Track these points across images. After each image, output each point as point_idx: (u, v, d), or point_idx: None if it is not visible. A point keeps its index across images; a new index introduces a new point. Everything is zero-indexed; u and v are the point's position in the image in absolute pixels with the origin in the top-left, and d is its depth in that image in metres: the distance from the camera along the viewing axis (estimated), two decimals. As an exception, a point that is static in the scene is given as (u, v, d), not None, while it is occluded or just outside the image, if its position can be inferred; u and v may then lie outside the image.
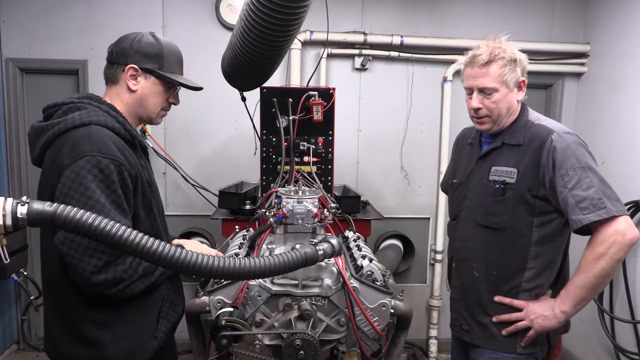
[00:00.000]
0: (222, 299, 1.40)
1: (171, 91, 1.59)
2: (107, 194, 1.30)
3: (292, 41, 2.05)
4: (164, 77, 1.53)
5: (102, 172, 1.30)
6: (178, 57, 1.59)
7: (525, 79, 1.68)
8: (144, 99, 1.53)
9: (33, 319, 3.56)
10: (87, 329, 1.38)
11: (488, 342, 1.73)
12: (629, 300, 2.95)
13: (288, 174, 2.35)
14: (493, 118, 1.68)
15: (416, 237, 3.65)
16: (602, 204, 1.49)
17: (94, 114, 1.39)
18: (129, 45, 1.50)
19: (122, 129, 1.43)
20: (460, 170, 1.87)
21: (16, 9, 3.28)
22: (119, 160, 1.33)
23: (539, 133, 1.62)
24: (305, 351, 1.31)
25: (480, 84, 1.66)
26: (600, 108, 3.38)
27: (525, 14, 3.56)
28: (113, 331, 1.39)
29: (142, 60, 1.50)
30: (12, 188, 3.44)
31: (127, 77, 1.49)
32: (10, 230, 0.95)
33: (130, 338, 1.42)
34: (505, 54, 1.63)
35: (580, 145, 1.58)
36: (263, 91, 2.39)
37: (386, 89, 3.56)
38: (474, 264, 1.75)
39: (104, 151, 1.32)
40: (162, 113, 1.61)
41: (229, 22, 3.33)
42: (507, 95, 1.65)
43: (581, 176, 1.52)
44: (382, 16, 3.50)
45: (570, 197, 1.51)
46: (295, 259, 1.15)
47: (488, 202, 1.69)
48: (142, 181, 1.46)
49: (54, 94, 3.46)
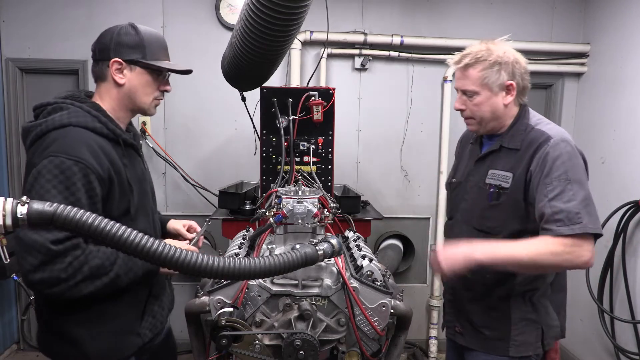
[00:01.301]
0: (222, 299, 1.40)
1: (160, 79, 1.55)
2: (65, 195, 1.29)
3: (292, 41, 2.04)
4: (149, 65, 1.49)
5: (62, 172, 1.29)
6: (161, 44, 1.56)
7: (514, 82, 1.61)
8: (133, 90, 1.50)
9: (33, 319, 3.55)
10: (66, 327, 1.42)
11: (481, 344, 1.72)
12: (629, 300, 2.95)
13: (288, 174, 2.35)
14: (477, 120, 1.67)
15: (416, 237, 3.65)
16: (579, 218, 1.44)
17: (74, 115, 1.40)
18: (109, 39, 1.47)
19: (104, 128, 1.43)
20: (461, 170, 1.86)
21: (16, 9, 3.28)
22: (84, 163, 1.32)
23: (536, 138, 1.58)
24: (305, 351, 1.31)
25: (461, 85, 1.67)
26: (600, 108, 3.38)
27: (525, 14, 3.56)
28: (91, 330, 1.42)
29: (125, 52, 1.46)
30: (12, 188, 3.44)
31: (113, 71, 1.47)
32: (10, 230, 0.95)
33: (110, 336, 1.44)
34: (490, 57, 1.59)
35: (574, 156, 1.53)
36: (263, 91, 2.39)
37: (386, 89, 3.56)
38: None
39: (70, 153, 1.31)
40: (156, 102, 1.58)
41: (229, 22, 3.33)
42: (491, 99, 1.62)
43: (565, 188, 1.47)
44: (382, 16, 3.50)
45: (548, 207, 1.47)
46: (295, 259, 1.15)
47: (483, 206, 1.67)
48: (121, 181, 1.44)
49: (53, 94, 3.43)
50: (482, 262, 1.47)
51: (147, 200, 1.60)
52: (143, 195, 1.57)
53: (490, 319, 1.69)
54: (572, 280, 3.65)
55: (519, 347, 1.65)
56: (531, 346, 1.66)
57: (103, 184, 1.37)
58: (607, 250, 3.06)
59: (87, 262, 1.32)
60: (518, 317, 1.66)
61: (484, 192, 1.67)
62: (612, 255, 3.05)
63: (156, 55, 1.51)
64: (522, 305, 1.66)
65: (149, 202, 1.63)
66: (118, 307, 1.46)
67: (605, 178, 3.22)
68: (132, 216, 1.48)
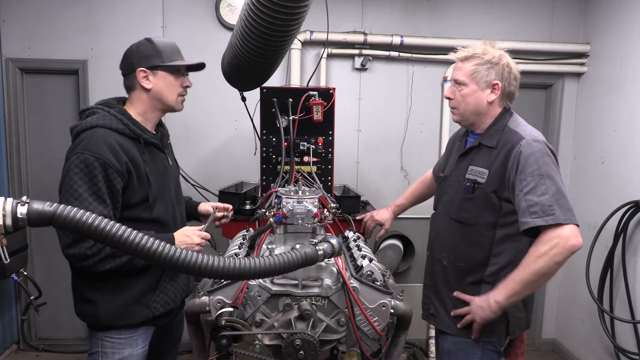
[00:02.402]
0: (222, 299, 1.40)
1: (180, 77, 1.81)
2: (89, 185, 1.58)
3: (292, 41, 2.05)
4: (168, 66, 1.76)
5: (87, 167, 1.58)
6: (174, 48, 1.82)
7: (500, 82, 1.75)
8: (160, 92, 1.77)
9: (33, 319, 3.56)
10: (88, 292, 1.72)
11: (450, 327, 1.83)
12: (629, 300, 2.95)
13: (288, 174, 2.35)
14: (460, 111, 1.82)
15: (416, 237, 3.64)
16: (552, 210, 1.55)
17: (102, 118, 1.68)
18: (132, 54, 1.76)
19: (126, 129, 1.69)
20: (449, 165, 1.98)
21: (16, 8, 3.28)
22: (103, 159, 1.59)
23: (510, 139, 1.71)
24: (305, 351, 1.31)
25: (454, 75, 1.82)
26: (600, 108, 3.38)
27: (525, 14, 3.56)
28: (105, 295, 1.70)
29: (146, 61, 1.74)
30: (12, 188, 3.44)
31: (141, 79, 1.74)
32: (10, 230, 0.95)
33: (121, 304, 1.71)
34: (485, 55, 1.75)
35: (545, 154, 1.64)
36: (263, 91, 2.39)
37: (386, 89, 3.56)
38: (444, 254, 1.86)
39: (93, 150, 1.59)
40: (180, 99, 1.85)
41: (229, 22, 3.33)
42: (476, 93, 1.76)
43: (538, 183, 1.59)
44: (382, 16, 3.50)
45: (524, 201, 1.59)
46: (295, 259, 1.15)
47: (460, 198, 1.81)
48: (140, 174, 1.70)
49: (53, 94, 3.47)
50: (503, 303, 1.63)
51: (167, 191, 1.85)
52: (163, 187, 1.82)
53: (460, 302, 1.80)
54: (572, 280, 3.67)
55: (483, 332, 1.74)
56: (495, 333, 1.76)
57: (122, 176, 1.64)
58: (607, 250, 3.06)
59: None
60: None
61: (462, 186, 1.81)
62: (612, 255, 3.05)
63: (171, 57, 1.78)
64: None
65: (170, 193, 1.87)
66: (132, 281, 1.71)
67: (605, 178, 3.22)
68: (150, 204, 1.74)
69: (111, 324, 1.72)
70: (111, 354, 1.74)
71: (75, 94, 3.44)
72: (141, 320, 1.75)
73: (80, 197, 1.57)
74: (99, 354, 1.75)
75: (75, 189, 1.57)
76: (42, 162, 3.48)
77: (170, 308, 1.84)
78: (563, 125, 3.67)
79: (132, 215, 1.70)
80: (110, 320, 1.72)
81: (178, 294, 1.87)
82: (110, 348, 1.74)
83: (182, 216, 1.98)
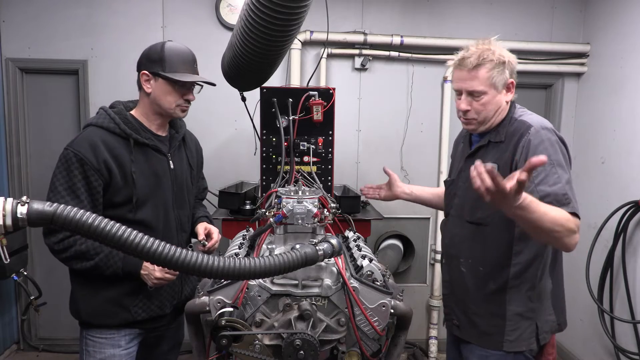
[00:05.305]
0: (222, 299, 1.40)
1: (182, 89, 1.77)
2: (66, 180, 1.64)
3: (292, 41, 2.04)
4: (166, 77, 1.72)
5: (66, 162, 1.64)
6: (183, 58, 1.77)
7: (514, 80, 1.68)
8: (157, 98, 1.76)
9: (33, 319, 3.56)
10: (74, 285, 1.80)
11: (476, 338, 1.74)
12: (629, 300, 2.95)
13: (288, 174, 2.35)
14: (479, 120, 1.70)
15: (416, 237, 3.65)
16: (567, 199, 1.47)
17: (97, 117, 1.74)
18: (143, 54, 1.77)
19: (117, 128, 1.71)
20: (453, 169, 1.92)
21: (16, 9, 3.28)
22: (81, 155, 1.63)
23: (518, 128, 1.63)
24: (305, 351, 1.31)
25: (468, 87, 1.66)
26: (600, 108, 3.38)
27: (525, 14, 3.56)
28: (87, 291, 1.75)
29: (149, 66, 1.74)
30: (12, 188, 3.44)
31: (143, 82, 1.75)
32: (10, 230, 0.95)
33: (100, 303, 1.74)
34: (494, 57, 1.62)
35: (555, 142, 1.58)
36: (263, 91, 2.39)
37: (386, 89, 3.56)
38: (461, 260, 1.76)
39: (75, 147, 1.64)
40: (179, 108, 1.81)
41: (229, 22, 3.33)
42: (496, 97, 1.66)
43: (549, 172, 1.50)
44: (382, 16, 3.50)
45: (536, 192, 1.48)
46: (295, 259, 1.15)
47: (473, 198, 1.68)
48: (124, 173, 1.70)
49: (53, 94, 3.47)
50: (522, 205, 1.33)
51: (160, 194, 1.81)
52: (156, 189, 1.79)
53: (485, 312, 1.71)
54: (572, 280, 3.67)
55: (512, 342, 1.67)
56: (525, 342, 1.67)
57: (99, 173, 1.65)
58: (607, 250, 3.06)
59: (74, 245, 1.65)
60: (512, 312, 1.67)
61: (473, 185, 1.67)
62: (612, 255, 3.05)
63: (175, 68, 1.73)
64: (517, 299, 1.67)
65: (164, 196, 1.82)
66: (113, 282, 1.72)
67: (605, 178, 3.22)
68: (133, 205, 1.72)
69: (90, 321, 1.76)
70: (93, 352, 1.78)
71: (75, 94, 3.44)
72: (121, 322, 1.76)
73: (55, 190, 1.63)
74: (83, 352, 1.80)
75: (54, 182, 1.64)
76: (42, 162, 3.48)
77: (155, 314, 1.82)
78: (563, 126, 3.67)
79: (116, 214, 1.66)
80: (89, 317, 1.75)
81: (165, 302, 1.84)
82: (92, 347, 1.78)
83: (180, 222, 1.92)
